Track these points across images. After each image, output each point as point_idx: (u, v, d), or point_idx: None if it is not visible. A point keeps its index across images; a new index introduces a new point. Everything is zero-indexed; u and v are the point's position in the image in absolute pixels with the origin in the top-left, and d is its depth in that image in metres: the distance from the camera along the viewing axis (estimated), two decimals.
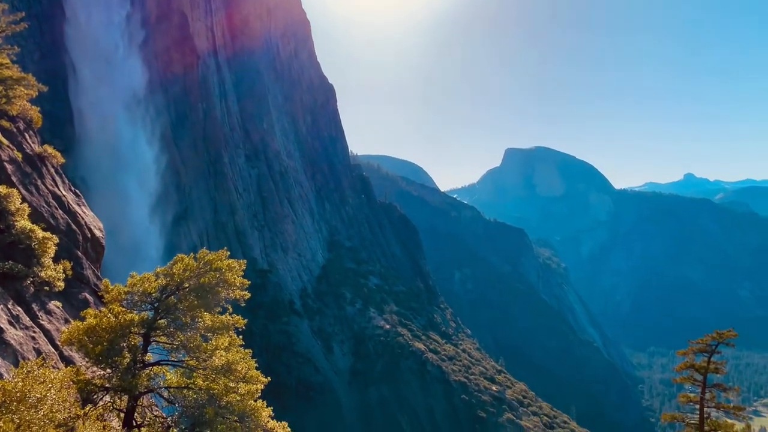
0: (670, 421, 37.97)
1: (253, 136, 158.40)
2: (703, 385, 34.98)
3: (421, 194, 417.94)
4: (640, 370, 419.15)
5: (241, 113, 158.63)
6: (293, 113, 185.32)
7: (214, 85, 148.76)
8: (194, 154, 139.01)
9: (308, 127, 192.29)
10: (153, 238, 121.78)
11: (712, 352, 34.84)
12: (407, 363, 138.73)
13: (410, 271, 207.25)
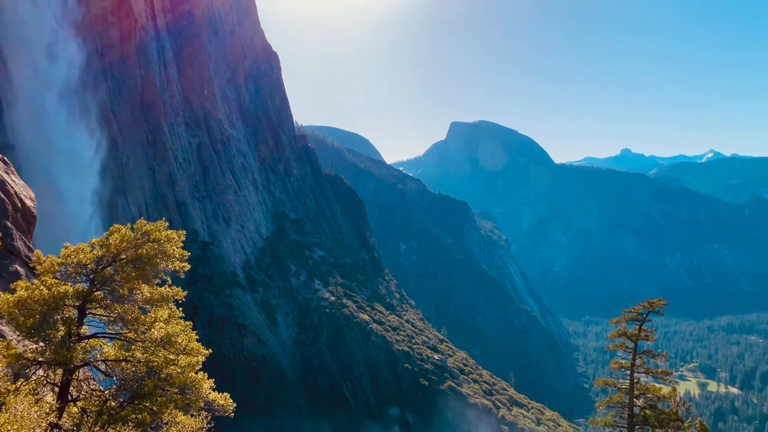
0: (602, 386, 39.76)
1: (193, 104, 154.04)
2: (633, 352, 36.69)
3: (367, 167, 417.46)
4: (575, 338, 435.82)
5: (181, 81, 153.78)
6: (236, 82, 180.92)
7: (152, 52, 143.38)
8: (132, 123, 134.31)
9: (251, 96, 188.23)
10: (88, 210, 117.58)
11: (642, 320, 36.51)
12: (352, 334, 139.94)
13: (356, 244, 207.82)
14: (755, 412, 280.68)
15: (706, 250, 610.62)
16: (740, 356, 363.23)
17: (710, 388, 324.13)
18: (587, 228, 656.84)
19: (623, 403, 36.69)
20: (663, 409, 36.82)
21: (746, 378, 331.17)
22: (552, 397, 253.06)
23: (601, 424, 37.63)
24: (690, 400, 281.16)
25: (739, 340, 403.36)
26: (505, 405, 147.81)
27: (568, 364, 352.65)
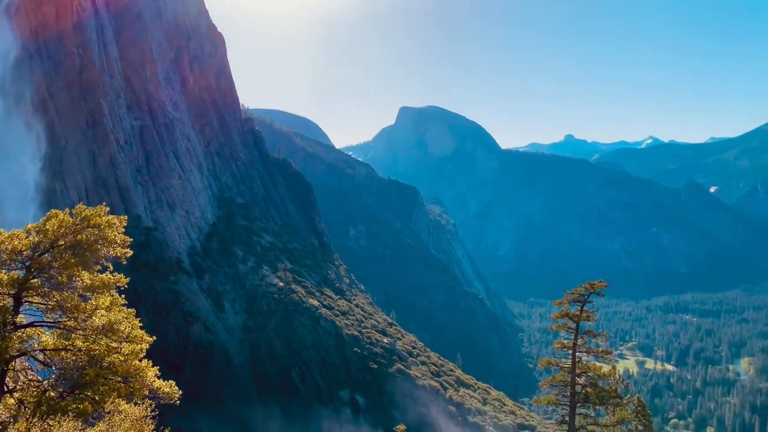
0: (546, 366, 40.92)
1: (135, 85, 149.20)
2: (575, 332, 37.80)
3: (315, 151, 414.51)
4: (520, 320, 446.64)
5: (122, 61, 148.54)
6: (179, 62, 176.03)
7: (91, 30, 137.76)
8: (70, 105, 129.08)
9: (196, 77, 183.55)
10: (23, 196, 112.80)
11: (584, 301, 37.61)
12: (301, 319, 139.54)
13: (305, 229, 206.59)
14: (689, 387, 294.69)
15: (645, 233, 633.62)
16: (676, 335, 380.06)
17: (648, 366, 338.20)
18: (532, 212, 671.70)
19: (566, 382, 37.85)
20: (603, 387, 38.18)
21: (681, 355, 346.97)
22: (498, 377, 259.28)
23: (545, 403, 38.79)
24: (629, 377, 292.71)
25: (675, 319, 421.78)
26: (453, 386, 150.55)
27: (514, 345, 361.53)
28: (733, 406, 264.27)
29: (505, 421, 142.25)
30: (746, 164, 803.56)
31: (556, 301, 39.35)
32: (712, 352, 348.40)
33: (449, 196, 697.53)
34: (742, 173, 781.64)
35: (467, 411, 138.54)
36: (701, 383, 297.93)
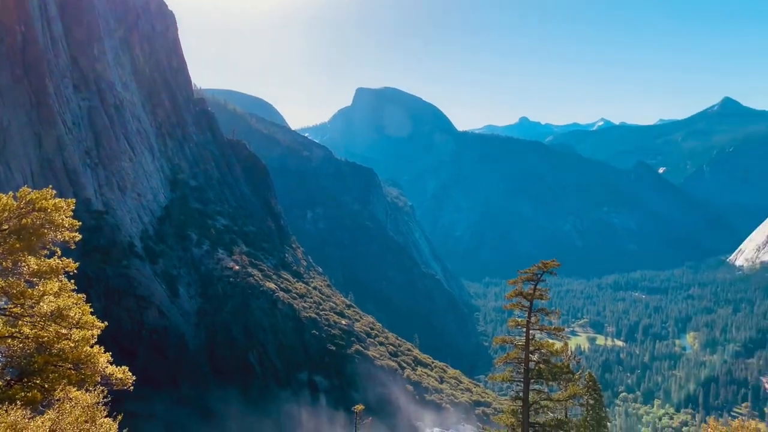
0: (500, 343, 41.68)
1: (82, 64, 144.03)
2: (529, 311, 38.59)
3: (271, 132, 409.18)
4: (476, 299, 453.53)
5: (68, 39, 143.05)
6: (128, 41, 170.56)
7: (33, 5, 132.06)
8: (13, 84, 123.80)
9: (146, 56, 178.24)
10: None
11: (537, 280, 38.36)
12: (258, 302, 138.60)
13: (261, 211, 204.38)
14: (637, 362, 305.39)
15: (596, 213, 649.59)
16: (625, 312, 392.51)
17: (599, 342, 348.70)
18: (488, 193, 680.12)
19: (520, 359, 38.71)
20: (556, 363, 39.21)
21: (630, 331, 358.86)
22: (455, 356, 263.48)
23: (499, 380, 39.61)
24: (580, 353, 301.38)
25: (625, 296, 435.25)
26: (410, 365, 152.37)
27: (470, 324, 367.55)
28: (679, 379, 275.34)
29: (462, 399, 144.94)
30: (693, 146, 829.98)
31: (510, 281, 40.03)
32: (659, 327, 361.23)
33: (407, 178, 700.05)
34: (689, 154, 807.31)
35: (425, 389, 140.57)
36: (649, 358, 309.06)
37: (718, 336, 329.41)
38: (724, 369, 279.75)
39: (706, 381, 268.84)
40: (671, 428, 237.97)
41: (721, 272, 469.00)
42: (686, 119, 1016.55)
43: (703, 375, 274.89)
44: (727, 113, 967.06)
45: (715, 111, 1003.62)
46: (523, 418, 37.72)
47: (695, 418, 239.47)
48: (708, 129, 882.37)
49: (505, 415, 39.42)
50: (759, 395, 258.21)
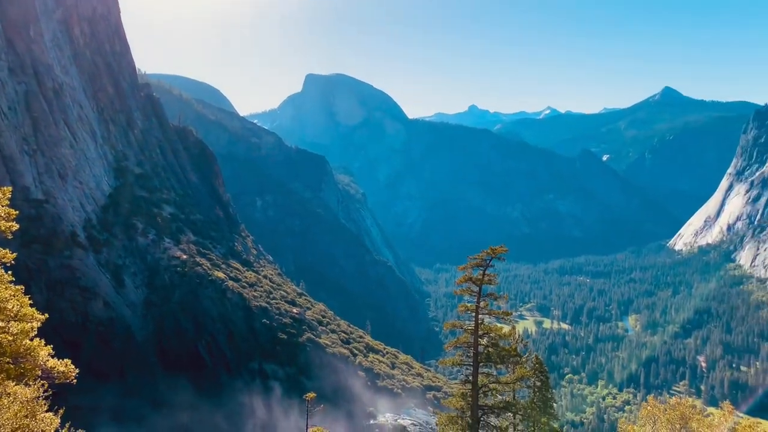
0: (450, 328, 42.22)
1: (18, 47, 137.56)
2: (478, 296, 39.17)
3: (219, 118, 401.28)
4: (427, 285, 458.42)
5: (2, 19, 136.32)
6: (68, 23, 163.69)
7: None
8: None
9: (87, 39, 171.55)
10: None
11: (486, 266, 38.93)
12: (206, 292, 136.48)
13: (209, 199, 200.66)
14: (582, 344, 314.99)
15: (543, 200, 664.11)
16: (571, 295, 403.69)
17: (545, 325, 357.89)
18: (438, 181, 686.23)
19: (469, 343, 39.34)
20: (504, 347, 40.00)
21: (575, 314, 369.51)
22: (406, 342, 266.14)
23: (450, 364, 40.21)
24: (528, 336, 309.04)
25: (570, 281, 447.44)
26: (362, 352, 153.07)
27: (421, 310, 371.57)
28: (622, 360, 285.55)
29: (413, 384, 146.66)
30: (635, 134, 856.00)
31: (460, 267, 40.52)
32: (603, 310, 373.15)
33: (358, 166, 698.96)
34: (631, 142, 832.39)
35: (376, 376, 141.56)
36: (593, 340, 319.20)
37: (658, 318, 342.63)
38: (663, 349, 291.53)
39: (647, 361, 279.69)
40: (614, 407, 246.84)
41: (661, 256, 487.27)
42: (629, 108, 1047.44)
43: (644, 355, 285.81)
44: (667, 102, 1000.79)
45: (656, 100, 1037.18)
46: (472, 401, 38.43)
47: (637, 397, 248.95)
48: (649, 118, 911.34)
49: (454, 398, 40.06)
50: (696, 374, 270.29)
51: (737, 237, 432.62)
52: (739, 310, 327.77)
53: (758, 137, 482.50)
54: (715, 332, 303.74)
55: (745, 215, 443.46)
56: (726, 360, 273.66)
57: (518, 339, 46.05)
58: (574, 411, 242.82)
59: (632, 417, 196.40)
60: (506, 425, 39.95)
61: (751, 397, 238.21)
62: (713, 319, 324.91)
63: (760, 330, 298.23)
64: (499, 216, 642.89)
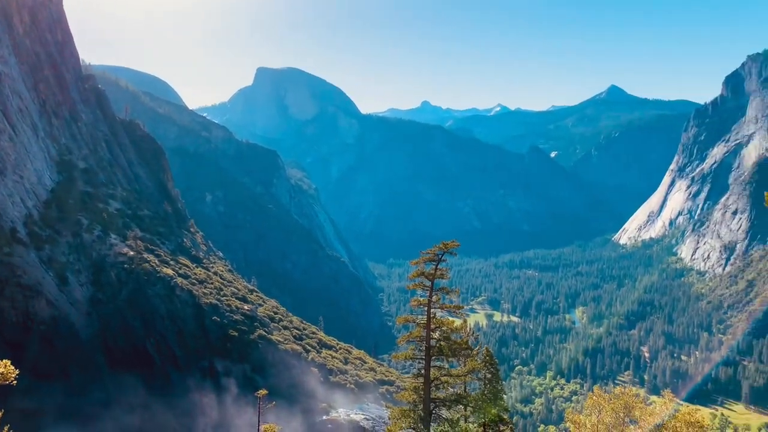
0: (403, 323, 42.48)
1: None
2: (430, 290, 39.51)
3: (167, 112, 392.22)
4: (381, 280, 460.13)
5: None
6: (6, 11, 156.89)
7: None
8: None
9: (26, 28, 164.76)
10: None
11: (438, 260, 39.28)
12: (155, 289, 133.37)
13: (157, 194, 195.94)
14: (531, 336, 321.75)
15: (493, 195, 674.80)
16: (520, 289, 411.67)
17: (495, 318, 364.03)
18: (391, 176, 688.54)
19: (421, 337, 39.68)
20: (455, 340, 40.50)
21: (524, 307, 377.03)
22: (360, 337, 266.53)
23: (402, 358, 40.47)
24: (479, 330, 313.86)
25: (520, 274, 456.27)
26: (315, 348, 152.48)
27: (374, 305, 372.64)
28: (569, 351, 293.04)
29: (366, 378, 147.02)
30: (582, 131, 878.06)
31: (412, 261, 40.75)
32: (551, 303, 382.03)
33: (310, 160, 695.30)
34: (578, 139, 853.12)
35: (330, 371, 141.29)
36: (542, 332, 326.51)
37: (604, 310, 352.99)
38: (609, 341, 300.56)
39: (594, 352, 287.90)
40: (562, 398, 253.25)
41: (606, 250, 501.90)
42: (576, 106, 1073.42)
43: (590, 347, 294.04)
44: (613, 101, 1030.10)
45: (603, 98, 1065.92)
46: (424, 394, 38.82)
47: (584, 387, 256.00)
48: (596, 115, 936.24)
49: (407, 392, 40.39)
50: (640, 364, 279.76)
51: (678, 231, 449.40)
52: (681, 301, 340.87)
53: (698, 135, 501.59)
54: (658, 323, 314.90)
55: (686, 210, 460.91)
56: (668, 350, 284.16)
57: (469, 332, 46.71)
58: (524, 402, 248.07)
59: (579, 407, 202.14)
60: (457, 417, 40.54)
61: (690, 385, 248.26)
62: (656, 310, 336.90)
63: (700, 321, 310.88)
64: (452, 211, 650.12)
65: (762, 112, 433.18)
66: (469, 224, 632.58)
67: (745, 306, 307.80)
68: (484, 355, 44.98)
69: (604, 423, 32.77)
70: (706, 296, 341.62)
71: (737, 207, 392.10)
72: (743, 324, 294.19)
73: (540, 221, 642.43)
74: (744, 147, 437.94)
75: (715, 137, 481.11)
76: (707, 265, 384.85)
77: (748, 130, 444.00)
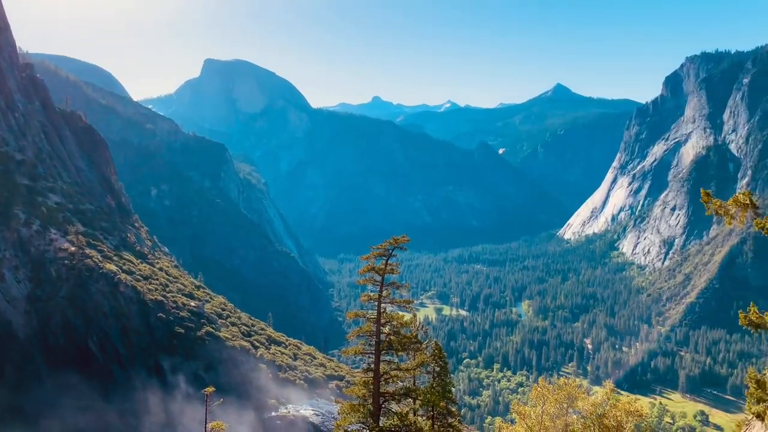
0: (353, 318, 42.44)
1: None
2: (381, 285, 39.59)
3: (110, 103, 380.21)
4: (331, 275, 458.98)
5: None
6: None
7: None
8: None
9: None
10: None
11: (389, 255, 39.38)
12: (97, 286, 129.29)
13: (99, 188, 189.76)
14: (479, 329, 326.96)
15: (443, 191, 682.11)
16: (468, 283, 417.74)
17: (445, 312, 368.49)
18: (342, 171, 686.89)
19: (371, 332, 39.75)
20: (405, 334, 40.73)
21: (473, 301, 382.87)
22: (309, 333, 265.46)
23: (352, 353, 40.47)
24: (428, 323, 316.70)
25: (468, 269, 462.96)
26: (264, 344, 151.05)
27: (324, 301, 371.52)
28: (515, 344, 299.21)
29: (316, 374, 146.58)
30: (529, 128, 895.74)
31: (363, 257, 40.73)
32: (499, 297, 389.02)
33: (260, 154, 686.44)
34: (525, 137, 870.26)
35: (279, 368, 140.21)
36: (489, 325, 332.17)
37: (549, 303, 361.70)
38: (554, 333, 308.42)
39: (539, 344, 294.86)
40: (509, 389, 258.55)
41: (552, 245, 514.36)
42: (523, 104, 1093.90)
43: (536, 339, 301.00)
44: (558, 99, 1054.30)
45: (549, 96, 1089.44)
46: (374, 389, 38.96)
47: (529, 379, 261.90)
48: (542, 113, 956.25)
49: (356, 386, 40.44)
50: (583, 355, 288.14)
51: (620, 227, 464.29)
52: (622, 294, 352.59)
53: (640, 134, 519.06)
54: (601, 316, 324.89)
55: (627, 206, 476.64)
56: (610, 342, 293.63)
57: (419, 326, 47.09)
58: (472, 394, 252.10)
59: (525, 398, 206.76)
60: (406, 411, 40.85)
61: (631, 375, 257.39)
62: (599, 303, 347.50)
63: (640, 313, 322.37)
64: (402, 206, 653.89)
65: (699, 112, 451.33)
66: (420, 219, 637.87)
67: (683, 299, 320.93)
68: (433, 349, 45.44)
69: (548, 413, 33.63)
70: (646, 289, 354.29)
71: (676, 203, 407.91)
72: (680, 316, 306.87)
73: (488, 217, 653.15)
74: (682, 145, 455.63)
75: (655, 136, 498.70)
76: (647, 260, 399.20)
77: (687, 129, 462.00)
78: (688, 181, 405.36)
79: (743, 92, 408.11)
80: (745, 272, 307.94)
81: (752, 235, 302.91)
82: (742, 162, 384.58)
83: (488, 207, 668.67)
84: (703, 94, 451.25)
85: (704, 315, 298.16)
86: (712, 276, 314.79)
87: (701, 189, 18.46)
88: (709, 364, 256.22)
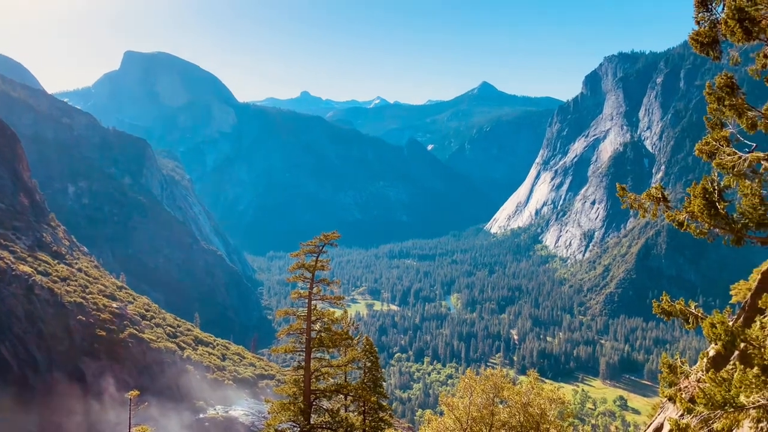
0: (283, 316, 41.99)
1: None
2: (311, 282, 39.35)
3: (22, 96, 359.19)
4: (260, 273, 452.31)
5: None
6: None
7: None
8: None
9: None
10: None
11: (319, 252, 39.20)
12: (10, 289, 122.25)
13: (11, 186, 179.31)
14: (410, 323, 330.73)
15: (374, 187, 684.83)
16: (399, 278, 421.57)
17: (376, 308, 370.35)
18: (270, 167, 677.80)
19: (302, 329, 39.50)
20: (336, 331, 40.71)
21: (404, 296, 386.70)
22: (238, 332, 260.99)
23: (282, 351, 40.09)
24: (359, 319, 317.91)
25: (399, 264, 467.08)
26: (191, 345, 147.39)
27: (253, 299, 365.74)
28: (445, 337, 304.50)
29: (245, 374, 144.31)
30: (456, 125, 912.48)
31: (293, 254, 40.35)
32: (429, 291, 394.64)
33: (183, 150, 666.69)
34: (453, 133, 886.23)
35: (206, 368, 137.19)
36: (420, 319, 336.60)
37: (477, 296, 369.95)
38: (481, 325, 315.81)
39: (468, 337, 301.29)
40: (439, 382, 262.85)
41: (479, 239, 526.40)
42: (451, 101, 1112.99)
43: (464, 332, 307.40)
44: (484, 96, 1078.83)
45: (475, 94, 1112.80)
46: (305, 386, 38.76)
47: (459, 371, 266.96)
48: (469, 110, 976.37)
49: (287, 385, 40.12)
50: (510, 346, 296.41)
51: (543, 220, 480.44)
52: (546, 286, 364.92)
53: (561, 130, 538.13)
54: (526, 307, 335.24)
55: (550, 201, 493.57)
56: (535, 332, 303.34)
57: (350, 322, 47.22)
58: (403, 388, 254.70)
59: (453, 390, 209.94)
60: (338, 407, 40.90)
61: (555, 364, 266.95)
62: (524, 295, 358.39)
63: (563, 304, 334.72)
64: (333, 202, 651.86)
65: (616, 110, 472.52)
66: (351, 215, 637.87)
67: (602, 289, 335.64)
68: (364, 345, 45.67)
69: (476, 404, 34.43)
70: (568, 281, 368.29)
71: (595, 197, 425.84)
72: (600, 306, 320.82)
73: (418, 212, 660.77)
74: (601, 142, 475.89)
75: (576, 132, 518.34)
76: (569, 252, 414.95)
77: (605, 126, 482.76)
78: (607, 176, 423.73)
79: (657, 91, 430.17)
80: (659, 263, 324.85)
81: (666, 228, 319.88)
82: (656, 158, 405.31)
83: (418, 202, 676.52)
84: (621, 92, 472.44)
85: (622, 304, 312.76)
86: (629, 267, 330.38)
87: (617, 184, 19.34)
88: (628, 351, 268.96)
